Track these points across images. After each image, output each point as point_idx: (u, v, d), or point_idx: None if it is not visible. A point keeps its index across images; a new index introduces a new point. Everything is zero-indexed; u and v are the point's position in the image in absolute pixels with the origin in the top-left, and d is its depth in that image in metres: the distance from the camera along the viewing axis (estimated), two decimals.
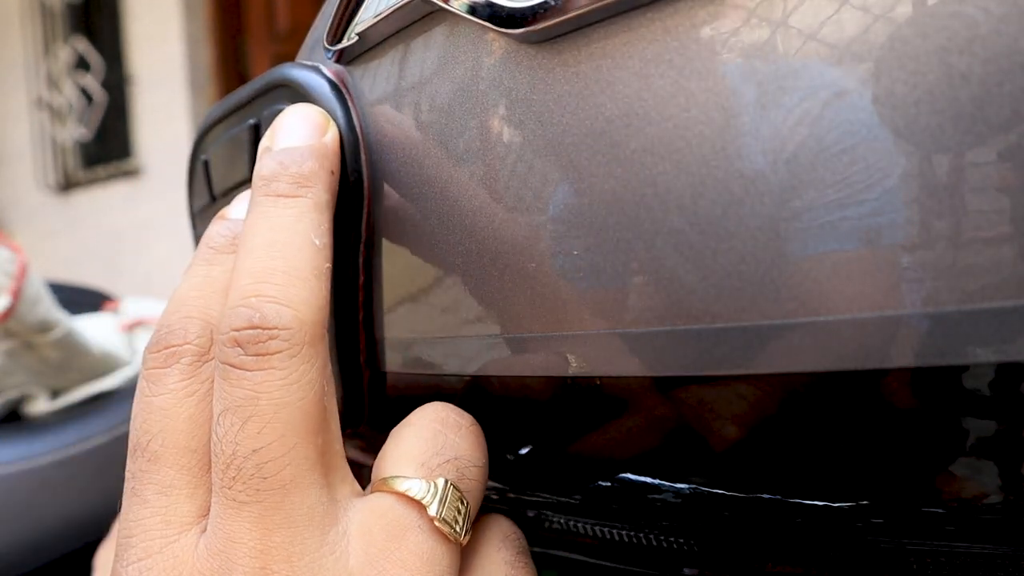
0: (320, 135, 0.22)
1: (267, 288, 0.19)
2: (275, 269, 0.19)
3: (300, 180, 0.21)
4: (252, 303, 0.19)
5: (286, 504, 0.18)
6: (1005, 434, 0.14)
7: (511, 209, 0.19)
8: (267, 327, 0.19)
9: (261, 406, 0.18)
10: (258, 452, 0.18)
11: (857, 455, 0.16)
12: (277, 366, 0.18)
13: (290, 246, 0.20)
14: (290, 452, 0.18)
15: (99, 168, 3.28)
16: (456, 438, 0.21)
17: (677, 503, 0.19)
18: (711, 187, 0.15)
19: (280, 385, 0.18)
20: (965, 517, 0.15)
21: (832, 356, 0.14)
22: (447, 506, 0.19)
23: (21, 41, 3.43)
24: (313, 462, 0.19)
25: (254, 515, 0.18)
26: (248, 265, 0.20)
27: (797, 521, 0.17)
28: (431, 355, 0.22)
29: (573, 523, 0.22)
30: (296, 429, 0.18)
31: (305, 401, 0.19)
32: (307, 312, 0.19)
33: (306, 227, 0.20)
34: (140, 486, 0.19)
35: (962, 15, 0.13)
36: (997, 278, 0.13)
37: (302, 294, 0.19)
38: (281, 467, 0.18)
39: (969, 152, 0.13)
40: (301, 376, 0.19)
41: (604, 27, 0.17)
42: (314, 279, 0.20)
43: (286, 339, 0.19)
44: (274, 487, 0.18)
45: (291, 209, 0.21)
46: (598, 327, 0.18)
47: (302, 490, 0.18)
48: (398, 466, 0.20)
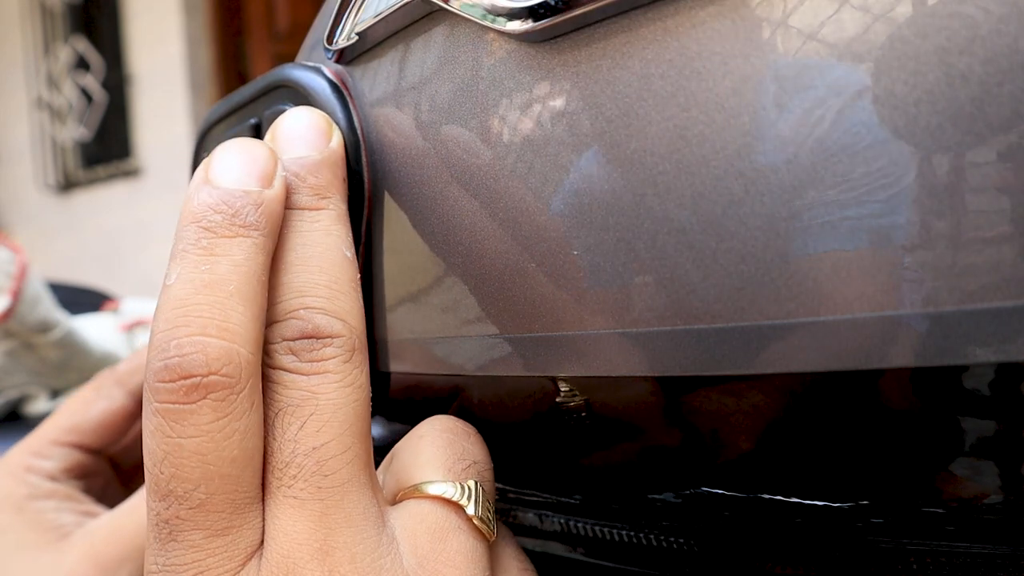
0: (328, 141, 0.22)
1: (313, 301, 0.20)
2: (317, 283, 0.20)
3: (320, 191, 0.21)
4: (302, 315, 0.19)
5: (346, 503, 0.18)
6: (1005, 434, 0.14)
7: (511, 209, 0.19)
8: (320, 336, 0.19)
9: (320, 405, 0.19)
10: (318, 450, 0.18)
11: (857, 455, 0.16)
12: (332, 370, 0.19)
13: (326, 260, 0.20)
14: (347, 452, 0.19)
15: (99, 168, 3.28)
16: (469, 444, 0.21)
17: (677, 503, 0.19)
18: (711, 187, 0.15)
19: (336, 387, 0.19)
20: (965, 517, 0.15)
21: (832, 356, 0.14)
22: (482, 506, 0.20)
23: (21, 41, 3.42)
24: (365, 463, 0.19)
25: (316, 513, 0.18)
26: (288, 280, 0.20)
27: (797, 521, 0.17)
28: (432, 355, 0.22)
29: (573, 523, 0.22)
30: (352, 430, 0.19)
31: (358, 404, 0.19)
32: (353, 321, 0.20)
33: (336, 240, 0.21)
34: (183, 533, 0.18)
35: (962, 15, 0.13)
36: (997, 278, 0.13)
37: (346, 305, 0.20)
38: (341, 465, 0.18)
39: (969, 152, 0.13)
40: (354, 380, 0.19)
41: (604, 27, 0.17)
42: (352, 291, 0.20)
43: (339, 345, 0.19)
44: (335, 484, 0.18)
45: (318, 223, 0.21)
46: (598, 327, 0.18)
47: (358, 490, 0.19)
48: (424, 473, 0.20)
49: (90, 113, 3.26)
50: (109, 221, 3.24)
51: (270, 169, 0.21)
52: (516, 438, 0.22)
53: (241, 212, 0.20)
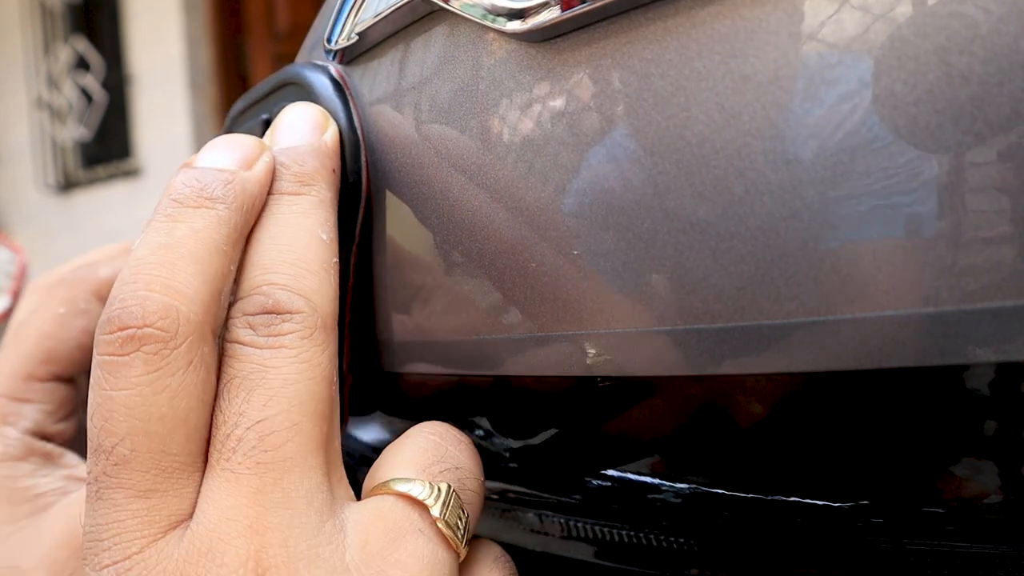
0: (320, 133, 0.22)
1: (277, 277, 0.19)
2: (284, 260, 0.20)
3: (303, 178, 0.21)
4: (264, 291, 0.19)
5: (285, 482, 0.18)
6: (1005, 434, 0.14)
7: (511, 209, 0.19)
8: (280, 311, 0.19)
9: (269, 378, 0.18)
10: (262, 423, 0.18)
11: (857, 455, 0.16)
12: (288, 345, 0.18)
13: (297, 240, 0.20)
14: (294, 427, 0.18)
15: (99, 168, 3.28)
16: (456, 450, 0.21)
17: (677, 503, 0.19)
18: (711, 187, 0.15)
19: (290, 362, 0.18)
20: (965, 517, 0.15)
21: (832, 356, 0.14)
22: (450, 510, 0.19)
23: (21, 41, 3.42)
24: (316, 445, 0.18)
25: (252, 489, 0.17)
26: (256, 259, 0.20)
27: (797, 521, 0.17)
28: (432, 356, 0.22)
29: (573, 523, 0.22)
30: (303, 407, 0.18)
31: (313, 382, 0.19)
32: (318, 300, 0.19)
33: (312, 223, 0.21)
34: (108, 491, 0.18)
35: (962, 15, 0.13)
36: (997, 278, 0.13)
37: (312, 284, 0.19)
38: (283, 441, 0.18)
39: (969, 152, 0.13)
40: (311, 357, 0.19)
41: (604, 27, 0.17)
42: (323, 272, 0.20)
43: (299, 322, 0.19)
44: (275, 460, 0.17)
45: (296, 206, 0.21)
46: (599, 327, 0.18)
47: (303, 471, 0.18)
48: (398, 470, 0.20)
49: (90, 113, 3.26)
50: (109, 221, 3.24)
51: (251, 155, 0.21)
52: (517, 434, 0.22)
53: (208, 186, 0.20)
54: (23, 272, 0.59)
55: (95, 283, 0.28)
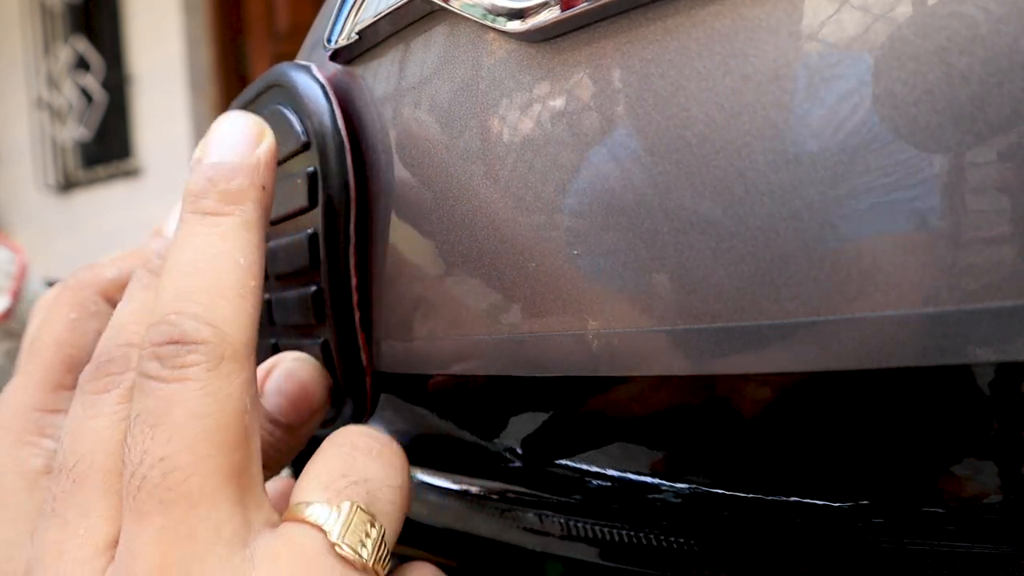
0: (252, 147, 0.22)
1: (187, 306, 0.19)
2: (197, 288, 0.20)
3: (228, 198, 0.21)
4: (172, 319, 0.19)
5: (191, 517, 0.18)
6: (1005, 434, 0.14)
7: (511, 209, 0.19)
8: (185, 342, 0.19)
9: (173, 414, 0.18)
10: (165, 460, 0.18)
11: (857, 455, 0.16)
12: (193, 377, 0.18)
13: (213, 266, 0.20)
14: (200, 462, 0.18)
15: (99, 168, 3.28)
16: (367, 460, 0.20)
17: (677, 503, 0.19)
18: (711, 187, 0.15)
19: (194, 396, 0.18)
20: (965, 517, 0.15)
21: (832, 356, 0.14)
22: (351, 530, 0.19)
23: (21, 41, 3.42)
24: (225, 477, 0.18)
25: (156, 527, 0.17)
26: (170, 283, 0.20)
27: (797, 521, 0.17)
28: (431, 356, 0.22)
29: (573, 523, 0.22)
30: (209, 440, 0.18)
31: (221, 414, 0.18)
32: (228, 329, 0.19)
33: (231, 247, 0.20)
34: (61, 507, 0.19)
35: (962, 15, 0.13)
36: (997, 278, 0.13)
37: (223, 312, 0.19)
38: (187, 476, 0.18)
39: (969, 152, 0.13)
40: (218, 390, 0.19)
41: (604, 27, 0.17)
42: (237, 298, 0.20)
43: (204, 353, 0.19)
44: (179, 497, 0.17)
45: (217, 228, 0.21)
46: (599, 327, 0.18)
47: (210, 504, 0.18)
48: (305, 492, 0.20)
49: (90, 113, 3.26)
50: (109, 221, 3.24)
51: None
52: (516, 433, 0.22)
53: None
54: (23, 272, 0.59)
55: (102, 285, 0.28)
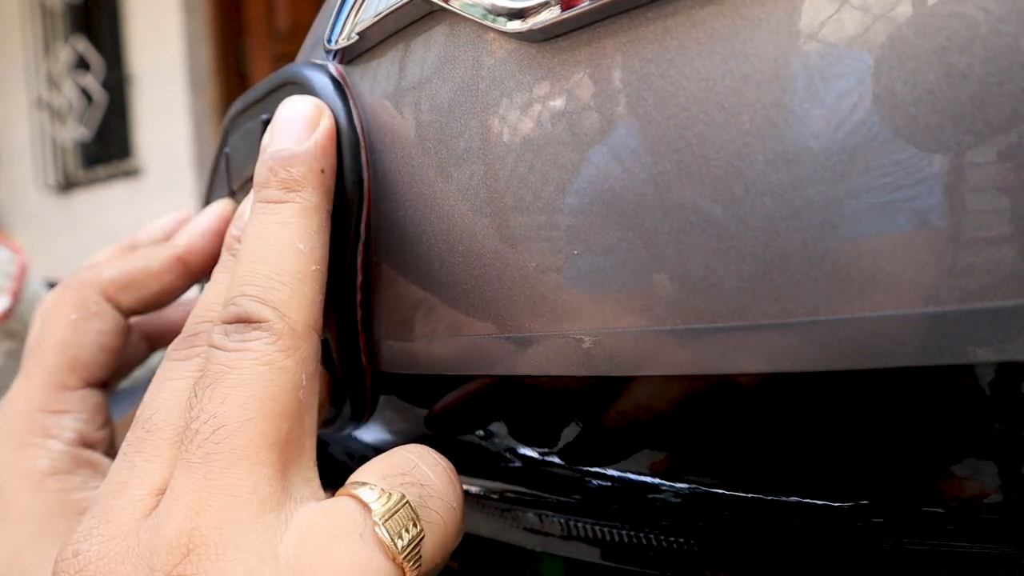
0: (310, 132, 0.23)
1: (249, 289, 0.21)
2: (258, 272, 0.21)
3: (288, 185, 0.22)
4: (238, 301, 0.21)
5: (231, 473, 0.19)
6: (1005, 434, 0.14)
7: (511, 209, 0.19)
8: (250, 320, 0.20)
9: (230, 377, 0.20)
10: (216, 417, 0.19)
11: (857, 455, 0.16)
12: (253, 349, 0.20)
13: (272, 252, 0.21)
14: (246, 423, 0.19)
15: (99, 168, 3.28)
16: (428, 471, 0.21)
17: (677, 503, 0.19)
18: (711, 187, 0.15)
19: (252, 364, 0.20)
20: (965, 517, 0.15)
21: (832, 356, 0.14)
22: (394, 518, 0.19)
23: (21, 41, 3.42)
24: (271, 442, 0.19)
25: (198, 477, 0.19)
26: (239, 268, 0.22)
27: (797, 521, 0.17)
28: (432, 355, 0.22)
29: (573, 523, 0.22)
30: (258, 404, 0.19)
31: (273, 383, 0.20)
32: (287, 310, 0.21)
33: (291, 233, 0.22)
34: (131, 452, 0.20)
35: (962, 15, 0.13)
36: (997, 278, 0.13)
37: (282, 295, 0.21)
38: (233, 433, 0.19)
39: (969, 152, 0.13)
40: (275, 360, 0.20)
41: (604, 27, 0.17)
42: (296, 282, 0.21)
43: (266, 329, 0.20)
44: (223, 451, 0.19)
45: (277, 216, 0.22)
46: (599, 326, 0.18)
47: (251, 464, 0.19)
48: (363, 475, 0.20)
49: (90, 113, 3.26)
50: (109, 221, 3.24)
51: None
52: (515, 434, 0.22)
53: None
54: (23, 272, 0.59)
55: (102, 284, 0.28)
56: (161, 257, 0.29)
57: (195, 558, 0.18)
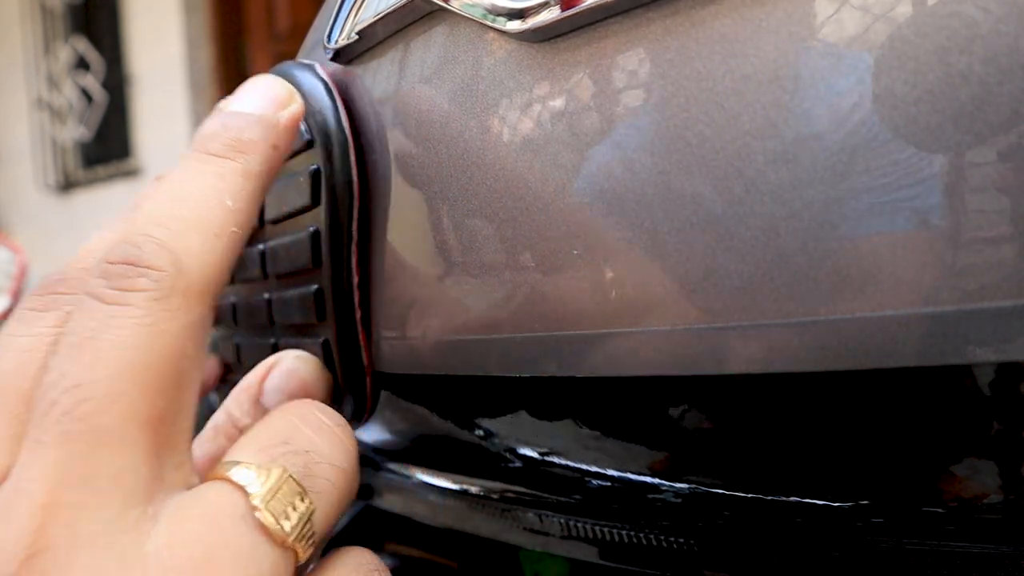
0: (276, 107, 0.21)
1: (157, 230, 0.18)
2: (172, 215, 0.18)
3: (236, 145, 0.20)
4: (135, 239, 0.18)
5: (93, 458, 0.16)
6: (1005, 434, 0.14)
7: (510, 209, 0.19)
8: (139, 264, 0.17)
9: (101, 339, 0.16)
10: (80, 388, 0.16)
11: (857, 455, 0.16)
12: (135, 303, 0.17)
13: (197, 199, 0.19)
14: (117, 398, 0.16)
15: (99, 168, 3.28)
16: (312, 433, 0.19)
17: (677, 503, 0.19)
18: (711, 187, 0.15)
19: (131, 324, 0.17)
20: (965, 517, 0.15)
21: (832, 356, 0.14)
22: (277, 497, 0.17)
23: (21, 41, 3.43)
24: (142, 421, 0.16)
25: (52, 462, 0.15)
26: (148, 207, 0.19)
27: (797, 521, 0.17)
28: (432, 355, 0.22)
29: (573, 523, 0.22)
30: (132, 376, 0.16)
31: (153, 352, 0.17)
32: (191, 263, 0.18)
33: (224, 187, 0.19)
34: None
35: (962, 15, 0.13)
36: (997, 278, 0.13)
37: (192, 245, 0.18)
38: (98, 410, 0.16)
39: (969, 152, 0.13)
40: (158, 323, 0.17)
41: (604, 27, 0.17)
42: (212, 236, 0.18)
43: (155, 279, 0.17)
44: (85, 431, 0.16)
45: (214, 167, 0.20)
46: (599, 327, 0.18)
47: (117, 447, 0.16)
48: (237, 452, 0.18)
49: (90, 113, 3.26)
50: None
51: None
52: (515, 434, 0.22)
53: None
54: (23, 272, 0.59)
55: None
56: None
57: (39, 563, 0.15)
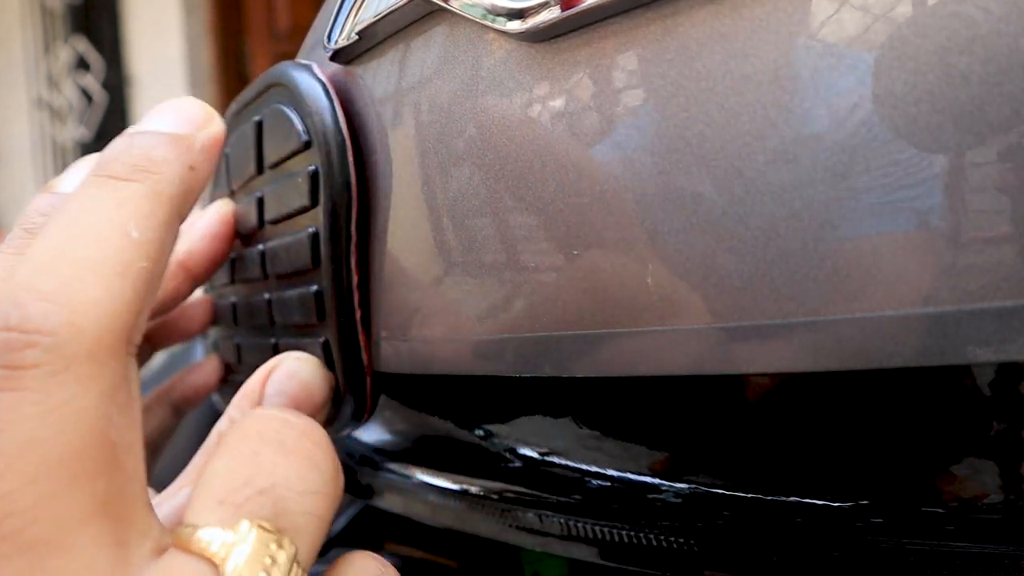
0: (191, 127, 0.20)
1: (44, 281, 0.15)
2: (64, 257, 0.16)
3: (144, 164, 0.18)
4: (20, 297, 0.15)
5: (39, 571, 0.14)
6: (1005, 434, 0.14)
7: (510, 209, 0.19)
8: (26, 330, 0.15)
9: (3, 440, 0.14)
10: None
11: (857, 455, 0.16)
12: (31, 387, 0.14)
13: (93, 233, 0.16)
14: (45, 503, 0.14)
15: None
16: (276, 457, 0.17)
17: (677, 503, 0.19)
18: (711, 188, 0.15)
19: (32, 414, 0.14)
20: (965, 517, 0.15)
21: (832, 356, 0.14)
22: (251, 557, 0.15)
23: (21, 41, 3.43)
24: (86, 515, 0.15)
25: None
26: (37, 249, 0.16)
27: (797, 521, 0.17)
28: (432, 355, 0.22)
29: (573, 523, 0.22)
30: (55, 473, 0.14)
31: (70, 436, 0.14)
32: (89, 317, 0.15)
33: (125, 215, 0.17)
34: None
35: (962, 15, 0.13)
36: (997, 278, 0.13)
37: (89, 293, 0.15)
38: (29, 522, 0.14)
39: (969, 152, 0.13)
40: (65, 402, 0.15)
41: (604, 27, 0.17)
42: (115, 276, 0.16)
43: (48, 349, 0.15)
44: (22, 549, 0.14)
45: (116, 193, 0.17)
46: (599, 327, 0.18)
47: (66, 552, 0.14)
48: (197, 511, 0.16)
49: (90, 113, 3.26)
50: None
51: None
52: (514, 434, 0.22)
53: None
54: None
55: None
56: None
57: None
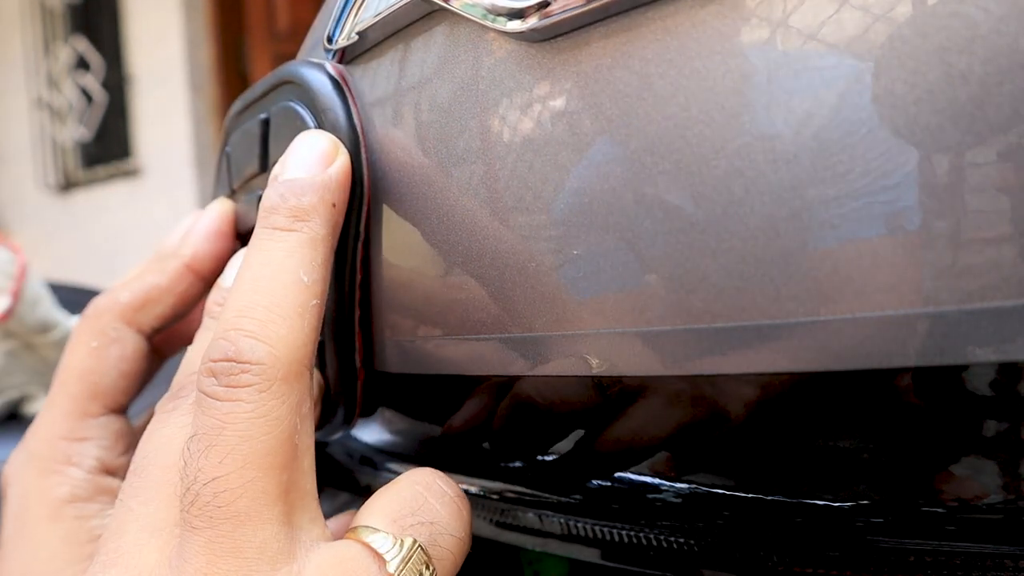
0: (326, 165, 0.22)
1: (246, 323, 0.20)
2: (257, 304, 0.20)
3: (298, 214, 0.22)
4: (230, 336, 0.20)
5: (237, 535, 0.18)
6: (1005, 434, 0.14)
7: (511, 209, 0.19)
8: (240, 360, 0.19)
9: (225, 436, 0.19)
10: (216, 480, 0.19)
11: (858, 455, 0.16)
12: (245, 399, 0.19)
13: (275, 283, 0.20)
14: (248, 484, 0.19)
15: (99, 168, 3.28)
16: (437, 504, 0.21)
17: (677, 503, 0.19)
18: (711, 187, 0.15)
19: (246, 418, 0.19)
20: (965, 517, 0.15)
21: (832, 356, 0.14)
22: (408, 566, 0.19)
23: (21, 41, 3.43)
24: (273, 497, 0.19)
25: (204, 541, 0.18)
26: (234, 299, 0.21)
27: (797, 521, 0.17)
28: (432, 355, 0.22)
29: (573, 523, 0.22)
30: (257, 463, 0.19)
31: (270, 436, 0.19)
32: (283, 349, 0.20)
33: (295, 263, 0.21)
34: (126, 497, 0.20)
35: (962, 15, 0.13)
36: (997, 278, 0.13)
37: (280, 331, 0.20)
38: (236, 497, 0.18)
39: (969, 152, 0.13)
40: (269, 411, 0.19)
41: (604, 27, 0.17)
42: (296, 317, 0.20)
43: (257, 374, 0.19)
44: (227, 516, 0.18)
45: (283, 243, 0.21)
46: (599, 327, 0.18)
47: (256, 523, 0.19)
48: (372, 518, 0.20)
49: (90, 113, 3.26)
50: (109, 221, 3.24)
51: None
52: (514, 434, 0.22)
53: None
54: (23, 272, 0.59)
55: (119, 309, 0.28)
56: (170, 270, 0.29)
57: None
